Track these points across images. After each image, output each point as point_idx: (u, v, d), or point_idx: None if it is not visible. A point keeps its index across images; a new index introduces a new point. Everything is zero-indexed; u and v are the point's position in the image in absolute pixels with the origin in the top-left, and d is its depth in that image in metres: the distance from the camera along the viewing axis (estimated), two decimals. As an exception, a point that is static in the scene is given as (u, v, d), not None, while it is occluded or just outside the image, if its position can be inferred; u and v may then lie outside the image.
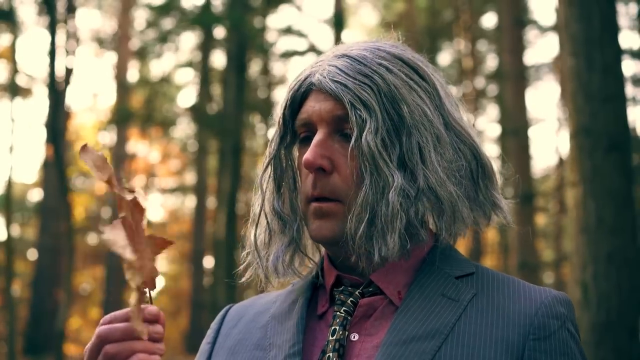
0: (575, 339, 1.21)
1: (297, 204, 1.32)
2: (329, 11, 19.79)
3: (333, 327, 1.23)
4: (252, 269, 1.35)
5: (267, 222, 1.33)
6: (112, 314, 1.14)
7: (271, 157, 1.33)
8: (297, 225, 1.32)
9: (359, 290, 1.26)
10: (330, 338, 1.22)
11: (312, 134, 1.27)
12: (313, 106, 1.26)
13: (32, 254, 20.31)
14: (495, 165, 1.39)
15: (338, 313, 1.25)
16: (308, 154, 1.22)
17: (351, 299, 1.26)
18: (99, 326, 1.12)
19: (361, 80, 1.22)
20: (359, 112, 1.21)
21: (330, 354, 1.20)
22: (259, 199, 1.35)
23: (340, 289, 1.28)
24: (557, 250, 17.01)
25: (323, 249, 1.37)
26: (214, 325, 1.45)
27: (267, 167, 1.34)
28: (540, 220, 19.54)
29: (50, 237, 16.32)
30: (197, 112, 14.43)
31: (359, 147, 1.20)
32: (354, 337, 1.23)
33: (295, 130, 1.31)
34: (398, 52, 1.30)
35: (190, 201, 22.53)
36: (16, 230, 21.41)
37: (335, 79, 1.23)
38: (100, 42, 21.29)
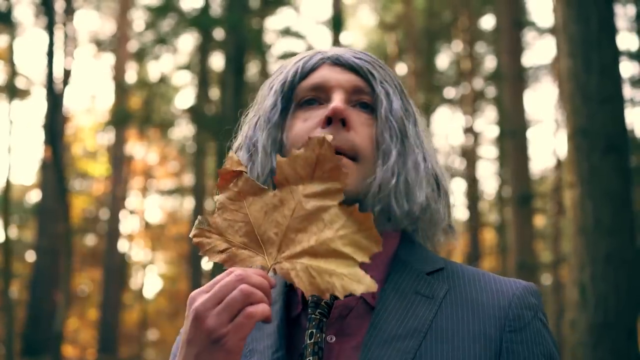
0: (547, 327, 1.25)
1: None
2: (327, 13, 19.81)
3: (310, 330, 1.22)
4: None
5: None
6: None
7: (273, 122, 1.31)
8: None
9: None
10: (308, 341, 1.21)
11: (317, 99, 1.31)
12: (329, 74, 1.31)
13: (30, 256, 20.30)
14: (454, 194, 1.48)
15: (313, 315, 1.24)
16: (338, 103, 1.25)
17: (325, 300, 1.25)
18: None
19: (379, 67, 1.34)
20: (384, 86, 1.30)
21: (310, 358, 1.19)
22: (265, 161, 1.31)
23: None
24: (556, 252, 17.02)
25: None
26: None
27: (270, 128, 1.32)
28: (539, 221, 19.55)
29: (49, 239, 16.29)
30: (195, 113, 14.42)
31: (390, 113, 1.28)
32: (331, 338, 1.23)
33: (290, 98, 1.33)
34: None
35: (189, 203, 22.50)
36: (14, 232, 21.39)
37: (357, 56, 1.32)
38: (99, 43, 21.28)
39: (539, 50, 34.18)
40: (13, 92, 15.06)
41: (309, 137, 1.13)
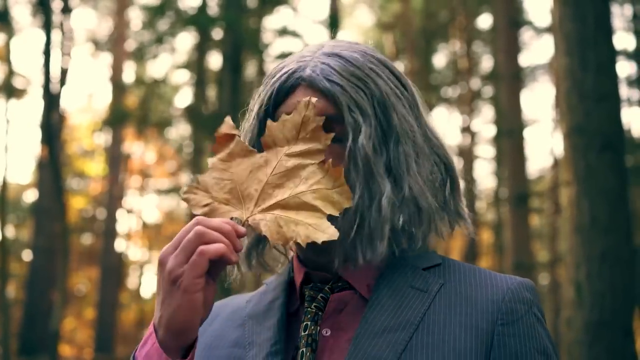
0: (542, 322, 1.23)
1: None
2: (325, 12, 19.80)
3: (305, 323, 1.23)
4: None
5: None
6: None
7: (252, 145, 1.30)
8: None
9: (328, 286, 1.27)
10: (302, 334, 1.22)
11: None
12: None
13: (27, 255, 20.27)
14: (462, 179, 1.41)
15: (309, 309, 1.25)
16: None
17: (321, 294, 1.26)
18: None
19: (355, 83, 1.22)
20: (354, 115, 1.20)
21: (304, 349, 1.21)
22: None
23: (310, 285, 1.28)
24: (553, 251, 17.04)
25: None
26: None
27: None
28: (536, 221, 19.56)
29: (45, 238, 16.28)
30: (192, 112, 14.40)
31: (355, 150, 1.19)
32: (326, 332, 1.23)
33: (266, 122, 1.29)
34: (381, 57, 1.31)
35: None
36: (11, 231, 21.37)
37: (330, 78, 1.21)
38: (96, 42, 21.25)
39: (536, 50, 34.30)
40: (10, 91, 15.04)
41: (298, 100, 1.19)
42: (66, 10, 13.25)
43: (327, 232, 1.08)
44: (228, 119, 1.21)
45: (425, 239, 1.27)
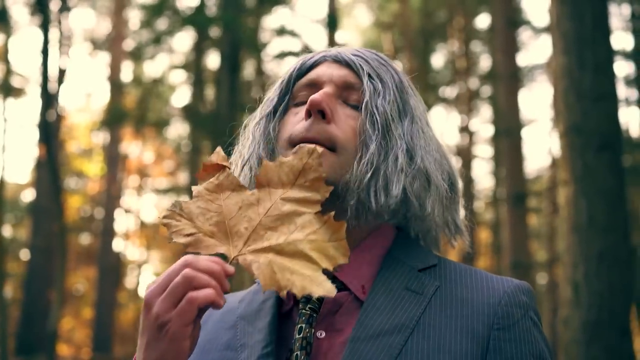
0: (538, 326, 1.22)
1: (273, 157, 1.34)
2: (323, 11, 19.79)
3: (299, 325, 1.22)
4: None
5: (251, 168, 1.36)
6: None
7: (269, 111, 1.35)
8: None
9: None
10: (297, 336, 1.20)
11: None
12: (324, 70, 1.32)
13: (25, 255, 20.25)
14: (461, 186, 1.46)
15: (303, 311, 1.23)
16: (316, 95, 1.24)
17: None
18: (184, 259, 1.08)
19: (378, 65, 1.33)
20: (374, 82, 1.29)
21: (298, 352, 1.19)
22: (252, 147, 1.35)
23: None
24: (550, 251, 17.04)
25: None
26: None
27: (261, 119, 1.36)
28: (534, 220, 19.57)
29: (43, 238, 16.26)
30: (190, 112, 14.39)
31: (373, 108, 1.26)
32: (321, 334, 1.22)
33: (289, 96, 1.35)
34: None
35: (184, 202, 22.37)
36: (8, 231, 21.34)
37: (355, 54, 1.32)
38: (94, 42, 21.23)
39: (534, 50, 34.33)
40: (8, 90, 15.02)
41: (300, 146, 1.16)
42: (64, 9, 13.25)
43: (324, 287, 1.02)
44: (219, 150, 1.19)
45: (433, 210, 1.28)
